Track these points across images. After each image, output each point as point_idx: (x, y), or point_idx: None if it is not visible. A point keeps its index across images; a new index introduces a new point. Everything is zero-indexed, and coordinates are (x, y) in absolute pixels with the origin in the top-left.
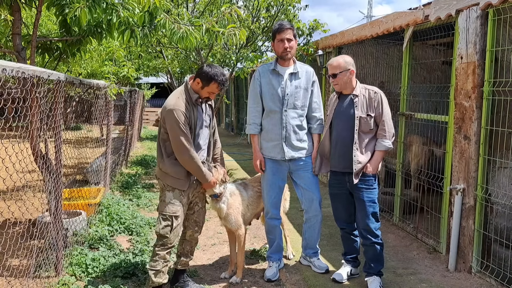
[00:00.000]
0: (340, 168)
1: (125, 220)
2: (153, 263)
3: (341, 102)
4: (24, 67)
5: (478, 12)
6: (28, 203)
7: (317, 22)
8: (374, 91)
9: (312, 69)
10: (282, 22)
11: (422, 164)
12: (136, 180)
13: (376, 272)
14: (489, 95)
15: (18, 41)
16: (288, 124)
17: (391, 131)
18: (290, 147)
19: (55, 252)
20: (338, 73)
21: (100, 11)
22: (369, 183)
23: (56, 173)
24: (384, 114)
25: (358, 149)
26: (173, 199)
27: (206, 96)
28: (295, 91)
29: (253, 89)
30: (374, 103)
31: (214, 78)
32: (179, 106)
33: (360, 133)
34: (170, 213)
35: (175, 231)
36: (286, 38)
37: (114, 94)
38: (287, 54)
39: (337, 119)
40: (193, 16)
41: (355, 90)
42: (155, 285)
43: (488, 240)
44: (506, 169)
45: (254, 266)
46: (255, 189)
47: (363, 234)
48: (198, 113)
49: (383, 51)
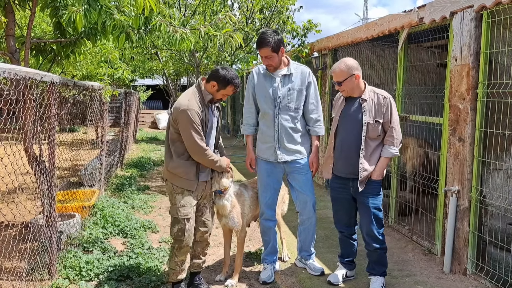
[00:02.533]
0: (345, 174)
1: (119, 222)
2: (172, 264)
3: (348, 105)
4: (16, 69)
5: (472, 15)
6: (21, 206)
7: (311, 22)
8: (384, 96)
9: (309, 70)
10: (263, 34)
11: (417, 166)
12: (131, 182)
13: (379, 273)
14: (483, 97)
15: (12, 43)
16: (281, 127)
17: (399, 138)
18: (284, 150)
19: (48, 255)
20: (342, 80)
21: (95, 14)
22: (375, 190)
23: (49, 175)
24: (393, 120)
25: (364, 156)
26: (183, 202)
27: (220, 97)
28: (288, 93)
29: (248, 90)
30: (383, 108)
31: (231, 81)
32: (193, 106)
33: (367, 139)
34: (182, 216)
35: (189, 233)
36: (264, 56)
37: (108, 96)
38: (269, 69)
39: (344, 122)
40: (185, 16)
41: (364, 93)
42: (175, 282)
43: (483, 242)
44: (500, 171)
45: (249, 268)
46: (254, 190)
47: (367, 239)
48: (210, 114)
49: (378, 53)
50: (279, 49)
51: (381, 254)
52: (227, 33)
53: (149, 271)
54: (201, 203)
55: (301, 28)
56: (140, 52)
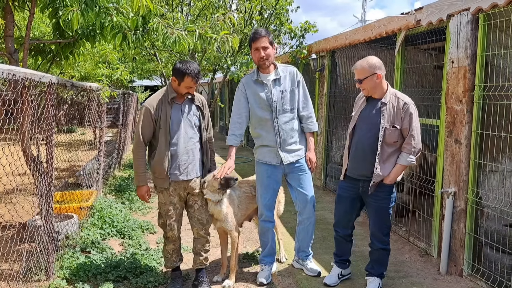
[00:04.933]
0: (356, 175)
1: (117, 223)
2: (164, 252)
3: (368, 107)
4: (15, 69)
5: (469, 17)
6: (19, 206)
7: (308, 23)
8: (404, 102)
9: (295, 69)
10: (257, 29)
11: (414, 167)
12: (129, 183)
13: (377, 274)
14: (480, 99)
15: (11, 44)
16: (281, 130)
17: (418, 146)
18: (286, 152)
19: (46, 256)
20: (363, 78)
21: (92, 14)
22: (386, 193)
23: (47, 176)
24: (412, 128)
25: (380, 161)
26: (164, 200)
27: (186, 91)
28: (281, 96)
29: (237, 100)
30: (402, 114)
31: (186, 72)
32: (148, 103)
33: (384, 144)
34: (164, 213)
35: (171, 226)
36: (261, 46)
37: (107, 96)
38: (264, 63)
39: (361, 123)
40: (187, 20)
41: (385, 96)
42: (170, 268)
43: (479, 244)
44: (496, 172)
45: (247, 269)
46: (242, 190)
47: (372, 238)
48: (174, 112)
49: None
50: (272, 44)
51: (383, 254)
52: (224, 35)
53: (147, 272)
54: (191, 199)
55: (298, 29)
56: (139, 53)
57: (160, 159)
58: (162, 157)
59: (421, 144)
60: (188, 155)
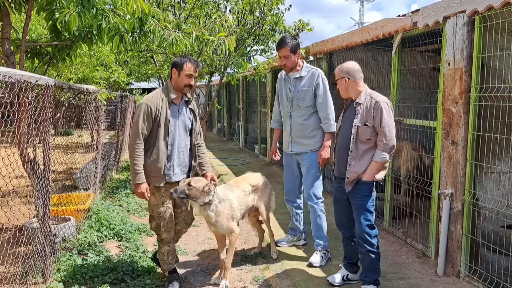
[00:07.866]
0: (338, 174)
1: (114, 226)
2: (160, 255)
3: (349, 108)
4: (11, 72)
5: (465, 19)
6: (15, 209)
7: (302, 22)
8: (376, 100)
9: (319, 72)
10: (283, 37)
11: (411, 169)
12: (126, 186)
13: (372, 281)
14: (476, 101)
15: (7, 46)
16: (293, 123)
17: (390, 143)
18: (295, 143)
19: (42, 258)
20: (336, 80)
21: (89, 16)
22: (364, 191)
23: (44, 179)
24: (383, 125)
25: (354, 158)
26: (156, 201)
27: (187, 82)
28: (298, 94)
29: (276, 92)
30: (374, 112)
31: (185, 59)
32: (148, 100)
33: (357, 142)
34: (157, 215)
35: (165, 227)
36: (283, 56)
37: (104, 99)
38: (286, 69)
39: (343, 124)
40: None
41: (360, 97)
42: (167, 270)
43: (476, 245)
44: (493, 174)
45: (244, 270)
46: (240, 189)
47: (358, 241)
48: (173, 112)
49: (372, 57)
50: (295, 52)
51: (373, 259)
52: (221, 37)
53: (144, 275)
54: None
55: (292, 28)
56: (135, 55)
57: (158, 158)
58: (161, 156)
59: (395, 141)
60: (179, 157)
